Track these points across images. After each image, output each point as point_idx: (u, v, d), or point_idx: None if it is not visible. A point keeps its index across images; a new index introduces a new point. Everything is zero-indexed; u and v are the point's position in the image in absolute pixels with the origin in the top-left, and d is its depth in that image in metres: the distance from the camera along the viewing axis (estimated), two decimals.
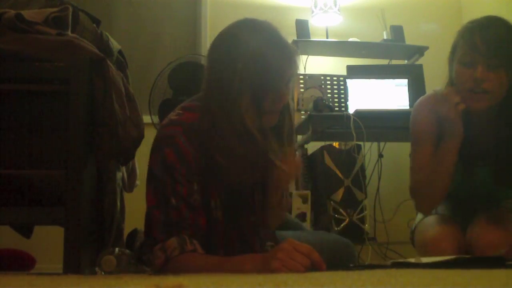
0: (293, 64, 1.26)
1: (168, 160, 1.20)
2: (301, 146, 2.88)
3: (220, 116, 1.22)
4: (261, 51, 1.21)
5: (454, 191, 1.73)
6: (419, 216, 1.78)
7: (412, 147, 1.70)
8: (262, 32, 1.25)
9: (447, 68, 1.60)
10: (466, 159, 1.58)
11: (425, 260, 1.20)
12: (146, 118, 1.38)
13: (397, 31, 3.25)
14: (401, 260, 1.33)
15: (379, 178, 3.06)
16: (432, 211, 1.68)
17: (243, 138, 1.22)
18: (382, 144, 3.14)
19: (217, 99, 1.23)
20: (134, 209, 1.40)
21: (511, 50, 1.44)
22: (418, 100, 1.73)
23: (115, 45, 1.56)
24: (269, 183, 1.33)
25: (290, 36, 3.17)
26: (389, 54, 3.34)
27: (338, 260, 1.54)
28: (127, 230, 1.60)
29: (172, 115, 1.28)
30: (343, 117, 2.50)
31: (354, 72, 3.03)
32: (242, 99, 1.20)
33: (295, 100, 3.06)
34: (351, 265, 1.64)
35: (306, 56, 3.33)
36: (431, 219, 1.69)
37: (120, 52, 1.59)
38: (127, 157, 1.47)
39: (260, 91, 1.22)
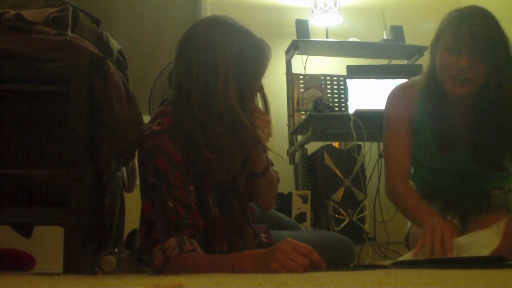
0: (267, 56, 1.33)
1: (160, 167, 1.22)
2: (301, 146, 2.88)
3: (207, 113, 1.25)
4: (238, 50, 1.27)
5: (442, 189, 1.75)
6: None
7: (385, 134, 1.73)
8: (234, 31, 1.31)
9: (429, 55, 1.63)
10: (442, 146, 1.63)
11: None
12: (146, 118, 1.38)
13: (397, 31, 3.25)
14: (401, 259, 1.33)
15: (379, 178, 3.06)
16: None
17: (235, 129, 1.26)
18: (382, 144, 3.13)
19: (202, 97, 1.25)
20: (134, 209, 1.40)
21: (492, 43, 1.49)
22: (393, 89, 1.77)
23: (115, 45, 1.56)
24: (251, 156, 1.40)
25: (290, 36, 3.18)
26: (389, 54, 3.34)
27: (338, 257, 1.55)
28: (127, 230, 1.60)
29: (153, 126, 1.29)
30: (343, 117, 2.50)
31: (354, 72, 3.03)
32: (230, 92, 1.24)
33: (295, 100, 3.07)
34: (351, 265, 1.64)
35: (306, 56, 3.32)
36: None
37: (120, 52, 1.59)
38: (128, 157, 1.47)
39: (242, 85, 1.27)
